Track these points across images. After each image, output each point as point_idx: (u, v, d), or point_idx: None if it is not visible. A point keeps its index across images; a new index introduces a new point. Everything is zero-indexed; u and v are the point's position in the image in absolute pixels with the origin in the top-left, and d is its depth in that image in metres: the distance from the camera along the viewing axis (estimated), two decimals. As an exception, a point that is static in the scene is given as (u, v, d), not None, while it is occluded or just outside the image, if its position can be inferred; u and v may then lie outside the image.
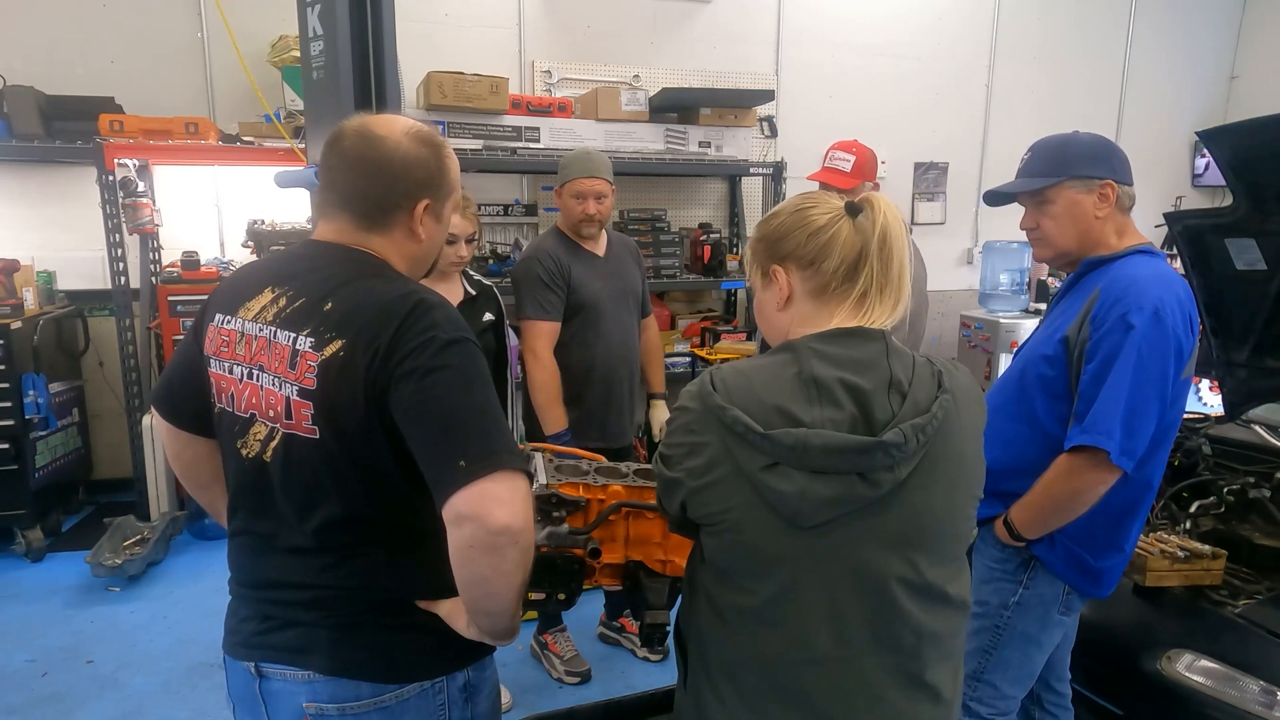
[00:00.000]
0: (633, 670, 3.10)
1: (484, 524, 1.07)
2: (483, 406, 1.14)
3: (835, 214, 1.16)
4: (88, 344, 4.51)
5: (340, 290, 1.20)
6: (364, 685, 1.22)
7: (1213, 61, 6.74)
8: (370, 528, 1.23)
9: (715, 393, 1.10)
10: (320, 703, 1.23)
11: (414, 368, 1.13)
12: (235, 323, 1.27)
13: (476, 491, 1.07)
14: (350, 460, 1.18)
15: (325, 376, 1.16)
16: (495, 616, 1.19)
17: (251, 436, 1.24)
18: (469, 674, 1.31)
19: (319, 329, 1.18)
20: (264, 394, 1.22)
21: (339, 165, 1.28)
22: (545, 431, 2.72)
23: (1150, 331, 1.62)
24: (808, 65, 5.64)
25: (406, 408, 1.13)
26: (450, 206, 1.38)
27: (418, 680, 1.25)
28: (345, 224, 1.29)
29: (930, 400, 1.10)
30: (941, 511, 1.13)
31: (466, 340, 1.18)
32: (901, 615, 1.10)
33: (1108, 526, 1.77)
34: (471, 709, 1.33)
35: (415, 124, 1.32)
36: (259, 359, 1.22)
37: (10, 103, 3.94)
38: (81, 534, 4.20)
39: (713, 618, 1.16)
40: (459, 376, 1.14)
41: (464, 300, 2.57)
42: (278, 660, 1.25)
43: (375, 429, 1.16)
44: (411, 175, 1.28)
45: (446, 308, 1.22)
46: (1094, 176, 1.76)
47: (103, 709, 2.82)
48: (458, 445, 1.10)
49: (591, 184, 2.74)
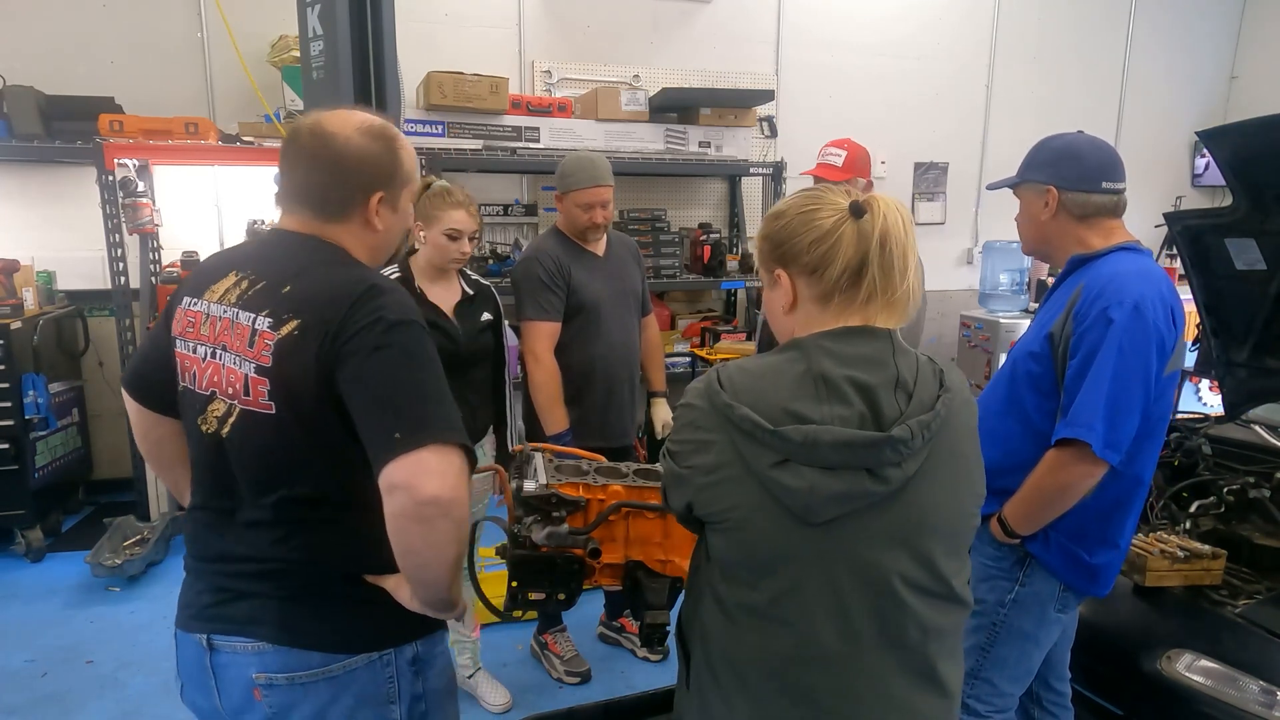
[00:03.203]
0: (633, 670, 3.10)
1: (413, 494, 1.10)
2: (424, 384, 1.19)
3: (840, 217, 1.14)
4: (88, 344, 4.51)
5: (299, 275, 1.26)
6: (313, 655, 1.26)
7: (1213, 61, 6.74)
8: (322, 503, 1.26)
9: (722, 390, 1.10)
10: (270, 673, 1.26)
11: (360, 346, 1.18)
12: (201, 305, 1.33)
13: (409, 462, 1.11)
14: (303, 435, 1.23)
15: (280, 354, 1.21)
16: (430, 587, 1.22)
17: (210, 413, 1.29)
18: (417, 648, 1.34)
19: (277, 310, 1.24)
20: (225, 372, 1.27)
21: (295, 161, 1.34)
22: (546, 432, 2.71)
23: (1131, 325, 1.64)
24: (808, 65, 5.64)
25: (350, 382, 1.18)
26: (407, 197, 1.42)
27: (365, 651, 1.29)
28: (305, 216, 1.34)
29: (934, 398, 1.11)
30: (946, 508, 1.13)
31: (414, 323, 1.23)
32: (908, 611, 1.10)
33: (1100, 522, 1.78)
34: (423, 683, 1.35)
35: (368, 119, 1.36)
36: (222, 339, 1.28)
37: (10, 103, 3.94)
38: (81, 534, 4.20)
39: (718, 616, 1.16)
40: (402, 355, 1.19)
41: (462, 300, 2.57)
42: (229, 632, 1.29)
43: (326, 405, 1.20)
44: (364, 169, 1.33)
45: (398, 293, 1.27)
46: (1039, 182, 1.82)
47: (103, 709, 2.82)
48: (394, 418, 1.14)
49: (598, 193, 2.73)
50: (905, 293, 1.15)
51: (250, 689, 1.28)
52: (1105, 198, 1.79)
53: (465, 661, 2.89)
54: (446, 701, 1.43)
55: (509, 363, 2.77)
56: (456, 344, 2.50)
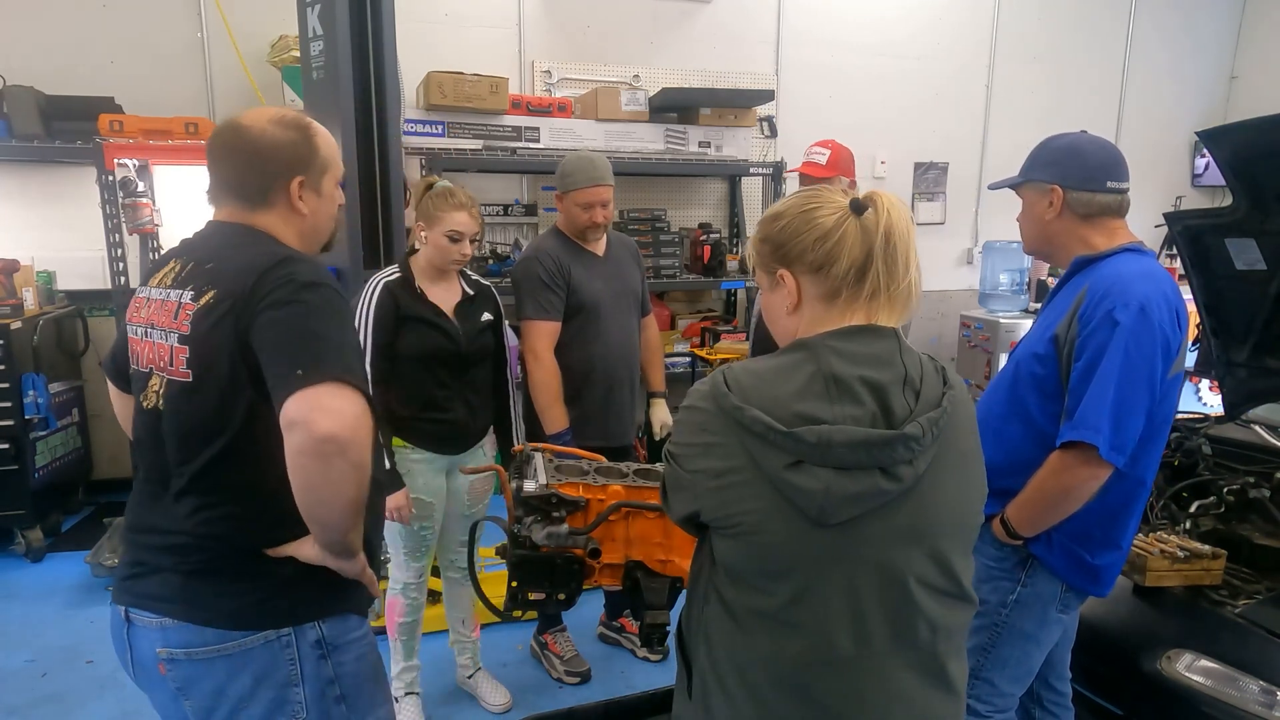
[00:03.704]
0: (633, 670, 3.10)
1: (311, 430, 1.14)
2: (328, 333, 1.25)
3: (841, 214, 1.13)
4: (88, 344, 4.51)
5: (221, 253, 1.36)
6: (208, 631, 1.29)
7: (1213, 61, 6.74)
8: (231, 476, 1.31)
9: (730, 393, 1.09)
10: (171, 648, 1.31)
11: (271, 303, 1.25)
12: (145, 291, 1.44)
13: (307, 397, 1.15)
14: (217, 401, 1.29)
15: (198, 322, 1.29)
16: (329, 528, 1.25)
17: (150, 389, 1.37)
18: (321, 629, 1.35)
19: (198, 284, 1.33)
20: (156, 348, 1.36)
21: (217, 156, 1.43)
22: (546, 431, 2.71)
23: (1136, 327, 1.63)
24: (808, 65, 5.64)
25: (259, 335, 1.24)
26: (330, 181, 1.49)
27: (260, 629, 1.31)
28: (233, 207, 1.44)
29: (939, 395, 1.11)
30: (955, 506, 1.13)
31: (326, 285, 1.30)
32: (919, 611, 1.10)
33: (1103, 524, 1.78)
34: (333, 667, 1.36)
35: (283, 111, 1.46)
36: (153, 318, 1.38)
37: (10, 103, 3.94)
38: (81, 534, 4.20)
39: (726, 621, 1.13)
40: (311, 309, 1.26)
41: (462, 300, 2.57)
42: (139, 606, 1.34)
43: (239, 367, 1.26)
44: (278, 157, 1.41)
45: (311, 262, 1.35)
46: (1044, 181, 1.81)
47: (103, 709, 2.82)
48: (298, 359, 1.19)
49: (598, 193, 2.73)
50: (908, 287, 1.14)
51: (157, 663, 1.32)
52: (1109, 197, 1.78)
53: (465, 661, 2.89)
54: (369, 688, 1.43)
55: (510, 363, 2.77)
56: (457, 344, 2.50)
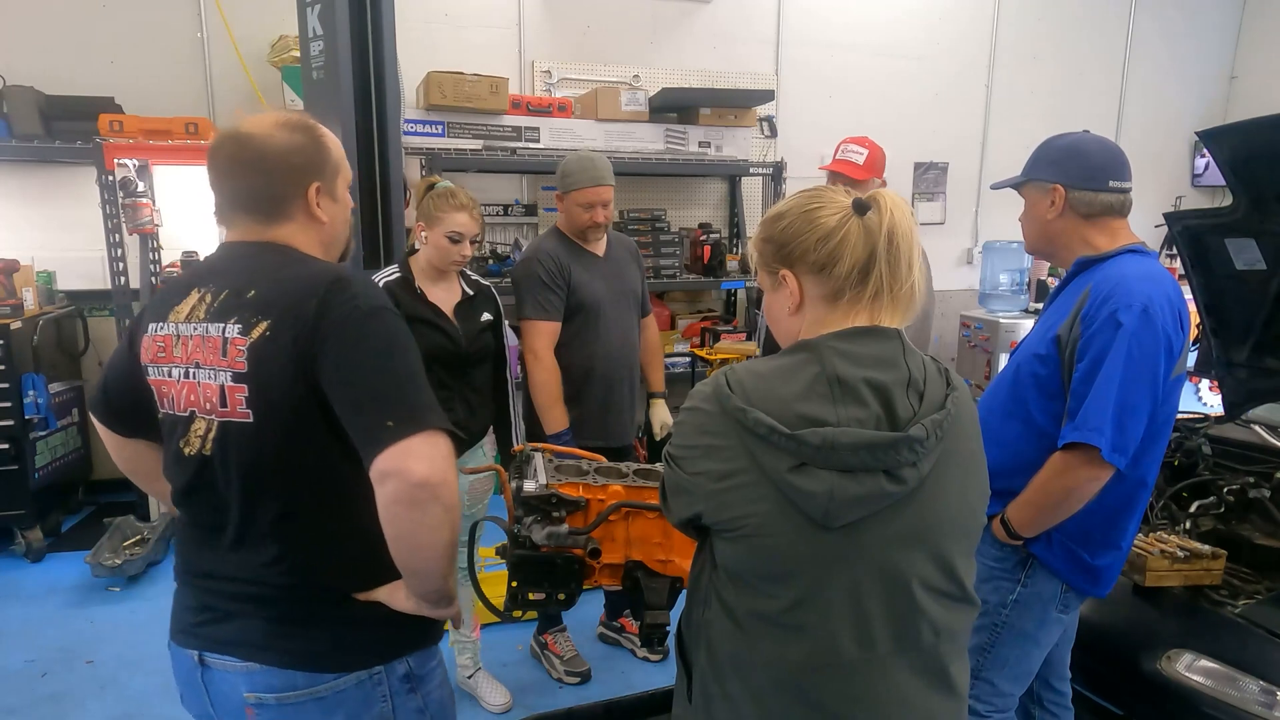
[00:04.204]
0: (633, 670, 3.10)
1: (404, 478, 1.11)
2: (405, 372, 1.20)
3: (844, 214, 1.12)
4: (88, 344, 4.50)
5: (259, 278, 1.25)
6: (298, 675, 1.25)
7: (1213, 61, 6.74)
8: (307, 517, 1.25)
9: (733, 394, 1.08)
10: (259, 692, 1.26)
11: (339, 338, 1.18)
12: (169, 328, 1.30)
13: (399, 449, 1.12)
14: (284, 441, 1.22)
15: (254, 357, 1.20)
16: (425, 576, 1.22)
17: (193, 434, 1.27)
18: (409, 664, 1.33)
19: (245, 315, 1.23)
20: (201, 389, 1.25)
21: (224, 172, 1.31)
22: (546, 431, 2.71)
23: (1139, 329, 1.63)
24: (807, 65, 5.64)
25: (332, 377, 1.18)
26: (343, 184, 1.39)
27: (352, 670, 1.28)
28: (249, 224, 1.32)
29: (943, 397, 1.11)
30: (958, 508, 1.13)
31: (387, 309, 1.24)
32: (922, 613, 1.10)
33: (1104, 524, 1.78)
34: (422, 699, 1.35)
35: (286, 114, 1.35)
36: (194, 356, 1.26)
37: (10, 103, 3.94)
38: (81, 534, 4.19)
39: (728, 625, 1.13)
40: (382, 344, 1.20)
41: (461, 300, 2.57)
42: (217, 650, 1.29)
43: (308, 404, 1.20)
44: (291, 164, 1.30)
45: (364, 280, 1.28)
46: (1046, 180, 1.81)
47: (103, 709, 2.82)
48: (382, 408, 1.15)
49: (599, 193, 2.73)
50: (910, 288, 1.14)
51: (243, 706, 1.28)
52: (1112, 197, 1.78)
53: (465, 661, 2.89)
54: (450, 711, 1.42)
55: (509, 363, 2.77)
56: (457, 344, 2.50)
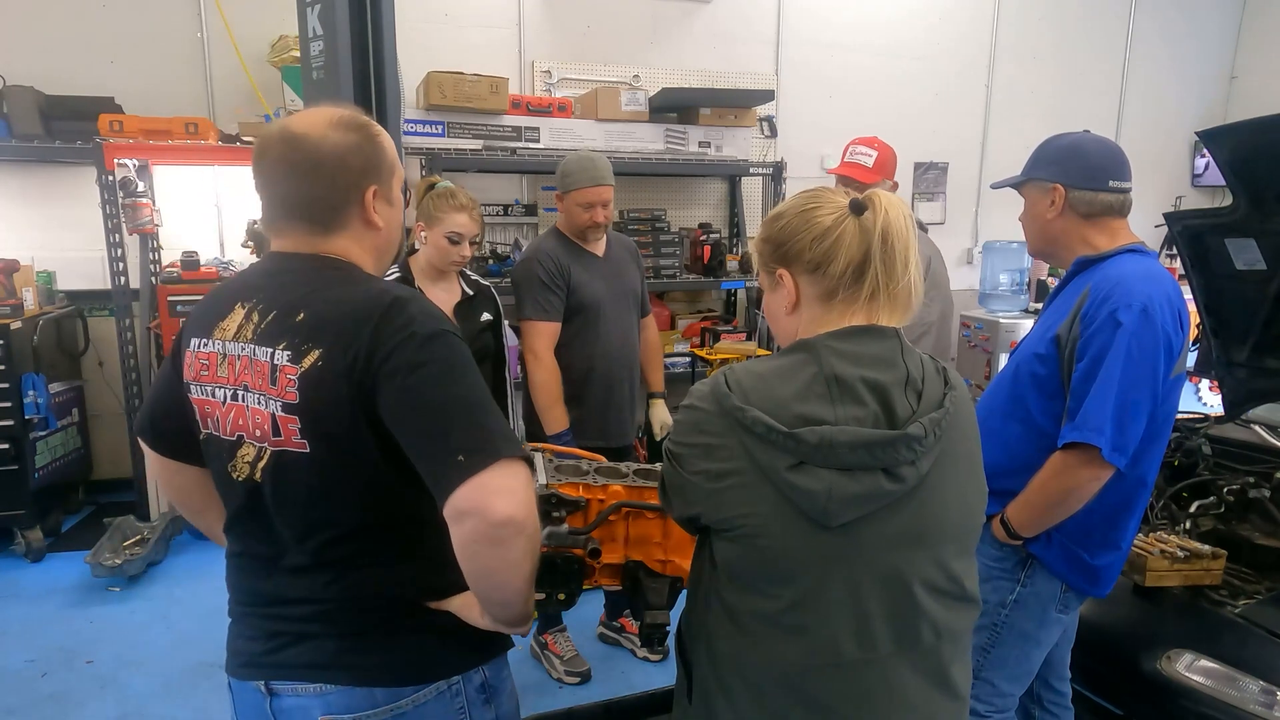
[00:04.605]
0: (633, 670, 3.10)
1: (486, 517, 1.04)
2: (472, 398, 1.12)
3: (840, 214, 1.13)
4: (88, 344, 4.50)
5: (310, 299, 1.17)
6: (378, 692, 1.19)
7: (1213, 61, 6.74)
8: (369, 537, 1.20)
9: (731, 393, 1.08)
10: (336, 714, 1.20)
11: (397, 366, 1.10)
12: (214, 345, 1.23)
13: (475, 485, 1.04)
14: (343, 471, 1.16)
15: (307, 388, 1.13)
16: (507, 606, 1.16)
17: (240, 459, 1.21)
18: (485, 673, 1.29)
19: (294, 341, 1.15)
20: (250, 414, 1.18)
21: (274, 177, 1.22)
22: (546, 432, 2.71)
23: (1139, 328, 1.63)
24: (808, 65, 5.64)
25: (395, 409, 1.11)
26: (397, 185, 1.31)
27: (432, 681, 1.22)
28: (300, 233, 1.24)
29: (941, 395, 1.11)
30: (958, 507, 1.13)
31: (446, 332, 1.16)
32: (923, 613, 1.10)
33: (1104, 524, 1.78)
34: (496, 709, 1.30)
35: (338, 111, 1.25)
36: (243, 378, 1.19)
37: (10, 103, 3.94)
38: (81, 534, 4.19)
39: (728, 625, 1.13)
40: (444, 370, 1.12)
41: (461, 300, 2.57)
42: (289, 677, 1.22)
43: (364, 434, 1.13)
44: (349, 165, 1.22)
45: (421, 301, 1.19)
46: (1046, 180, 1.81)
47: (103, 709, 2.82)
48: (452, 441, 1.07)
49: (599, 192, 2.73)
50: (907, 286, 1.14)
51: None
52: (1112, 197, 1.78)
53: (465, 661, 2.89)
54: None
55: (509, 363, 2.77)
56: (456, 344, 2.50)
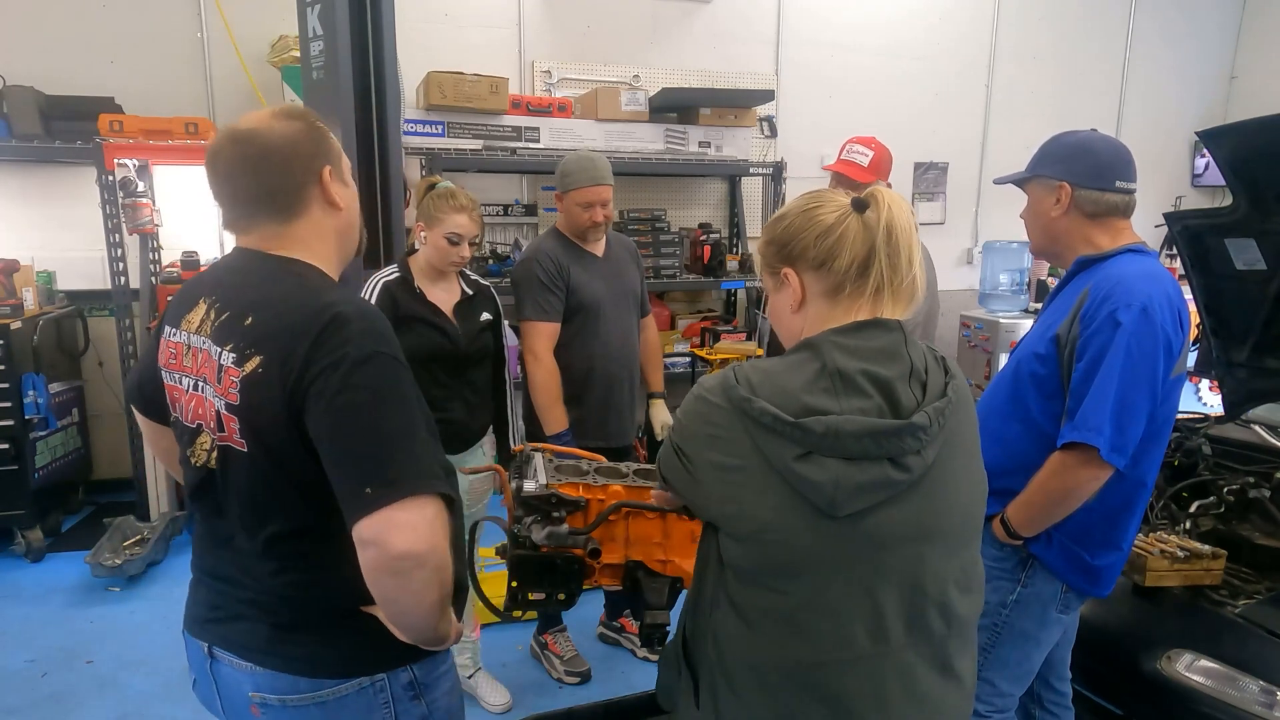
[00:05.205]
0: (633, 670, 3.10)
1: (385, 550, 1.08)
2: (392, 429, 1.13)
3: (843, 212, 1.14)
4: (88, 344, 4.50)
5: (259, 304, 1.21)
6: (301, 681, 1.26)
7: (1213, 61, 6.74)
8: (315, 539, 1.24)
9: (738, 385, 1.09)
10: (263, 693, 1.28)
11: (323, 389, 1.12)
12: (180, 335, 1.30)
13: (379, 519, 1.08)
14: (280, 473, 1.19)
15: (246, 393, 1.18)
16: (415, 630, 1.21)
17: (199, 446, 1.27)
18: (414, 672, 1.32)
19: (240, 344, 1.19)
20: (206, 405, 1.24)
21: (230, 175, 1.26)
22: (546, 432, 2.71)
23: (1139, 328, 1.63)
24: (808, 65, 5.64)
25: (317, 429, 1.14)
26: (346, 169, 1.36)
27: (354, 677, 1.27)
28: (264, 229, 1.28)
29: (943, 385, 1.12)
30: (963, 497, 1.14)
31: (381, 354, 1.16)
32: (933, 603, 1.10)
33: (1104, 524, 1.78)
34: (427, 706, 1.33)
35: (277, 106, 1.34)
36: (203, 371, 1.25)
37: (10, 103, 3.94)
38: (81, 534, 4.19)
39: (737, 623, 1.12)
40: (369, 397, 1.13)
41: (461, 300, 2.57)
42: (226, 648, 1.31)
43: (297, 444, 1.16)
44: (300, 150, 1.27)
45: (365, 319, 1.19)
46: (1052, 177, 1.80)
47: (103, 709, 2.82)
48: (361, 473, 1.10)
49: (599, 192, 2.73)
50: (911, 281, 1.15)
51: (248, 703, 1.29)
52: (1118, 197, 1.78)
53: (465, 661, 2.89)
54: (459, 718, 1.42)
55: (509, 363, 2.77)
56: (456, 344, 2.51)
